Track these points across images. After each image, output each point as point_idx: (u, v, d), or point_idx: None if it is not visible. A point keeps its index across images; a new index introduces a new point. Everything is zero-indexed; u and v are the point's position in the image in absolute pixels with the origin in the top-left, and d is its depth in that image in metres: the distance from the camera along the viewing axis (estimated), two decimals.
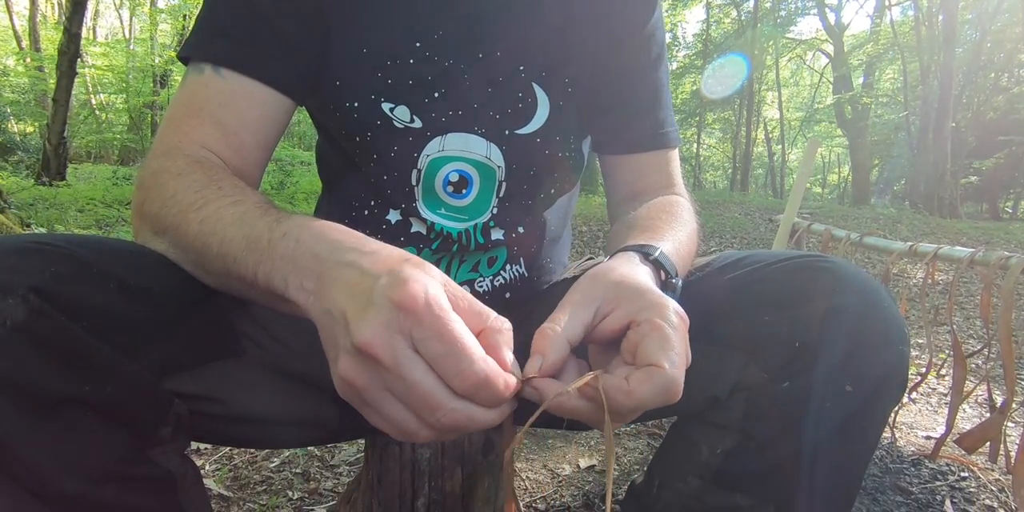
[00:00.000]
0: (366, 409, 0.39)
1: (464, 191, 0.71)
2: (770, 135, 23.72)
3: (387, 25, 0.67)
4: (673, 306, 0.43)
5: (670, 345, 0.40)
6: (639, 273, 0.50)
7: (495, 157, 0.71)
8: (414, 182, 0.70)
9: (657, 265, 0.54)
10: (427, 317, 0.36)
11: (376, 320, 0.36)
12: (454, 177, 0.70)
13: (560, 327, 0.43)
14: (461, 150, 0.69)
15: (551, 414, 0.41)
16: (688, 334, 0.43)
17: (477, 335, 0.39)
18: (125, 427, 0.45)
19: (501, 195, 0.72)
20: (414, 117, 0.68)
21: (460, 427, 0.38)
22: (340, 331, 0.38)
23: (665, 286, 0.53)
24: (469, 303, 0.40)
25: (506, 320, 0.40)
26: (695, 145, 21.00)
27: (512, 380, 0.39)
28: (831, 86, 18.99)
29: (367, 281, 0.38)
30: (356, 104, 0.67)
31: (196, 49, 0.64)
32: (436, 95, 0.68)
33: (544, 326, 0.43)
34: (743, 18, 18.14)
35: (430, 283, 0.37)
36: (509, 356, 0.39)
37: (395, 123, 0.68)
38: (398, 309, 0.36)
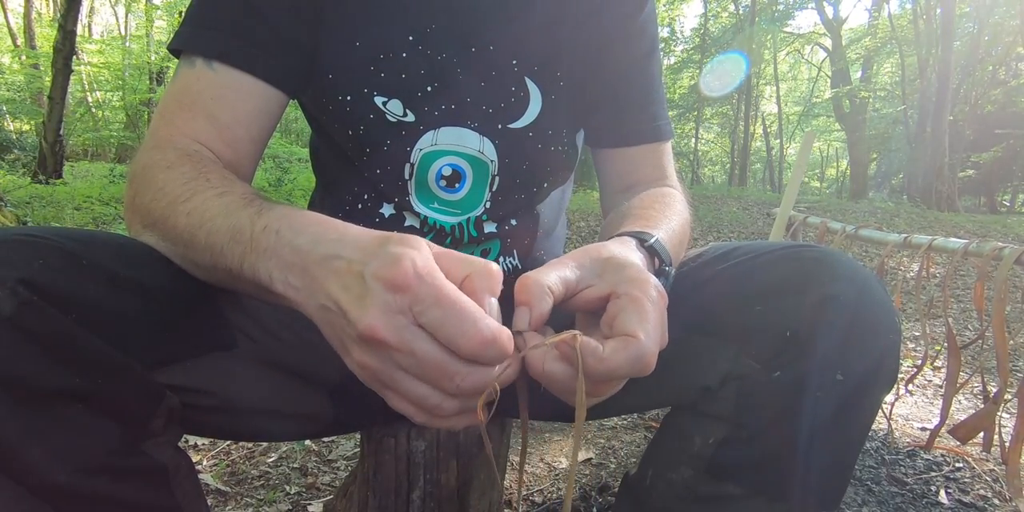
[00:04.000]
0: (388, 392, 0.40)
1: (457, 185, 0.71)
2: (768, 130, 23.72)
3: (380, 18, 0.67)
4: (653, 281, 0.44)
5: (647, 318, 0.41)
6: (633, 257, 0.50)
7: (488, 151, 0.70)
8: (407, 176, 0.70)
9: (652, 252, 0.54)
10: (421, 288, 0.36)
11: (374, 305, 0.37)
12: (447, 171, 0.70)
13: (544, 278, 0.43)
14: (454, 144, 0.69)
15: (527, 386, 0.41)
16: (674, 320, 0.43)
17: (463, 280, 0.39)
18: (117, 419, 0.45)
19: (494, 189, 0.72)
20: (407, 111, 0.68)
21: (480, 388, 0.39)
22: (342, 323, 0.39)
23: (659, 274, 0.53)
24: (455, 256, 0.41)
25: (493, 264, 0.41)
26: (693, 140, 20.98)
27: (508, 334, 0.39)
28: (829, 80, 18.99)
29: (355, 269, 0.38)
30: (348, 98, 0.67)
31: (187, 42, 0.63)
32: (429, 89, 0.68)
33: (526, 274, 0.43)
34: (741, 12, 18.09)
35: (417, 256, 0.37)
36: (491, 301, 0.40)
37: (388, 117, 0.67)
38: (392, 289, 0.36)
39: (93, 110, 17.22)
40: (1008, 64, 15.48)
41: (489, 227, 0.74)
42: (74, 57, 7.33)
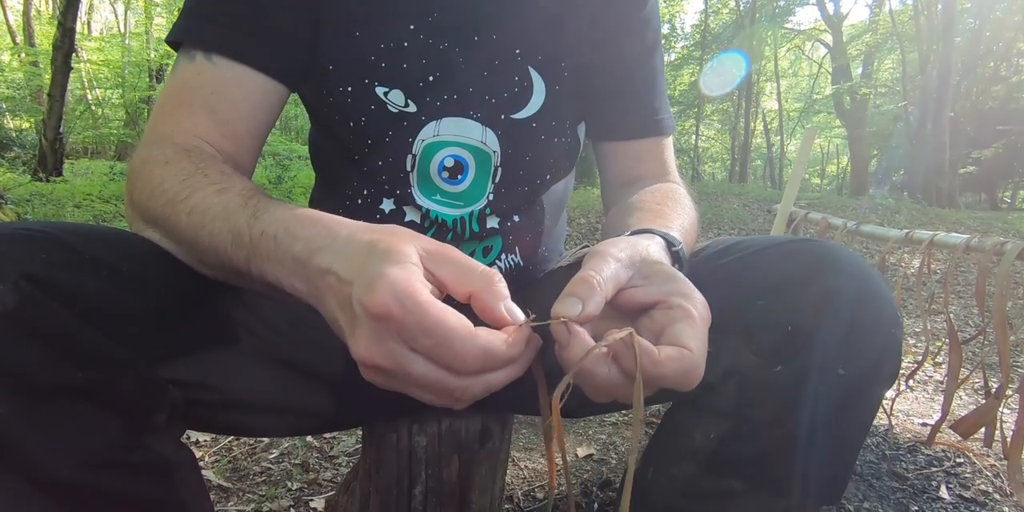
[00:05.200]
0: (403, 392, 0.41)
1: (459, 177, 0.71)
2: (769, 126, 23.67)
3: (380, 8, 0.66)
4: (701, 299, 0.44)
5: (699, 335, 0.41)
6: (666, 260, 0.51)
7: (491, 142, 0.70)
8: (409, 168, 0.69)
9: (676, 258, 0.54)
10: (403, 317, 0.36)
11: (364, 334, 0.37)
12: (449, 162, 0.70)
13: (603, 278, 0.42)
14: (456, 135, 0.69)
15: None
16: None
17: (469, 297, 0.40)
18: (119, 414, 0.45)
19: (497, 181, 0.72)
20: (408, 101, 0.67)
21: (483, 394, 0.39)
22: (346, 340, 0.39)
23: None
24: (453, 263, 0.40)
25: (495, 272, 0.41)
26: (693, 137, 20.94)
27: (514, 334, 0.39)
28: (830, 76, 18.93)
29: (345, 290, 0.38)
30: (349, 89, 0.66)
31: (186, 34, 0.63)
32: (431, 79, 0.67)
33: (588, 273, 0.42)
34: (742, 8, 18.04)
35: (396, 277, 0.36)
36: (508, 309, 0.40)
37: (389, 108, 0.67)
38: (376, 319, 0.36)
39: (93, 108, 17.19)
40: (1009, 60, 15.42)
41: (492, 222, 0.73)
42: (73, 54, 7.31)
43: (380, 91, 0.67)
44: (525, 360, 0.41)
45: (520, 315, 0.40)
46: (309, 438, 1.49)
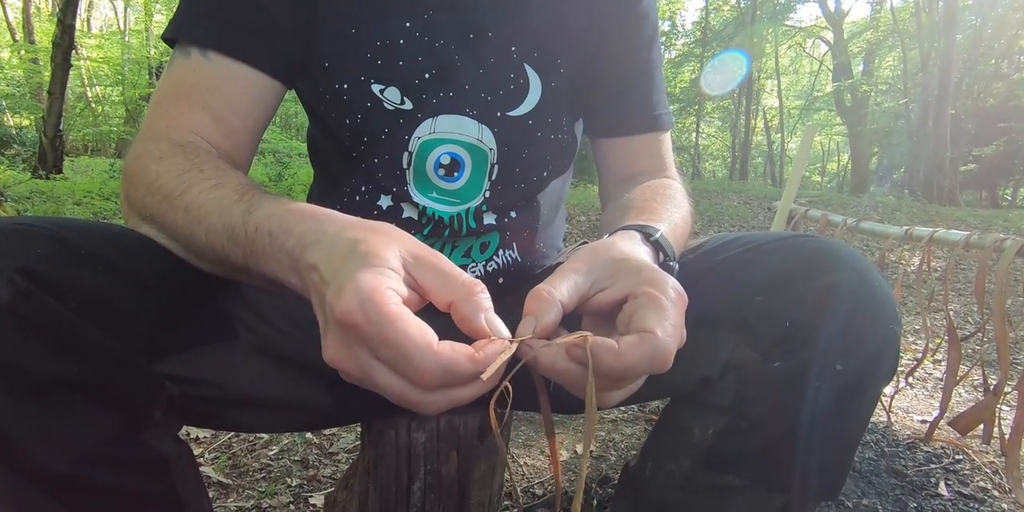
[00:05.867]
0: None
1: (456, 174, 0.70)
2: (769, 124, 23.65)
3: (376, 5, 0.66)
4: (672, 282, 0.43)
5: (665, 315, 0.40)
6: (640, 252, 0.50)
7: (487, 139, 0.70)
8: (405, 165, 0.69)
9: (657, 247, 0.54)
10: (366, 326, 0.35)
11: (332, 339, 0.37)
12: (445, 160, 0.70)
13: (555, 290, 0.42)
14: (453, 132, 0.69)
15: (535, 390, 0.41)
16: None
17: (449, 307, 0.39)
18: (116, 409, 0.45)
19: (493, 178, 0.72)
20: (405, 99, 0.67)
21: (448, 408, 0.38)
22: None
23: (662, 268, 0.53)
24: (436, 271, 0.40)
25: (477, 282, 0.40)
26: (694, 134, 20.92)
27: (494, 347, 0.38)
28: (831, 74, 18.91)
29: (323, 289, 0.38)
30: (346, 86, 0.66)
31: (183, 31, 0.63)
32: (427, 76, 0.67)
33: (540, 287, 0.42)
34: (742, 6, 18.01)
35: (365, 285, 0.36)
36: (489, 321, 0.39)
37: (385, 105, 0.67)
38: (341, 326, 0.36)
39: (93, 105, 17.20)
40: (1011, 57, 15.39)
41: (488, 219, 0.73)
42: (73, 52, 7.31)
43: (376, 88, 0.66)
44: (493, 381, 0.39)
45: (502, 328, 0.39)
46: (308, 435, 1.49)
